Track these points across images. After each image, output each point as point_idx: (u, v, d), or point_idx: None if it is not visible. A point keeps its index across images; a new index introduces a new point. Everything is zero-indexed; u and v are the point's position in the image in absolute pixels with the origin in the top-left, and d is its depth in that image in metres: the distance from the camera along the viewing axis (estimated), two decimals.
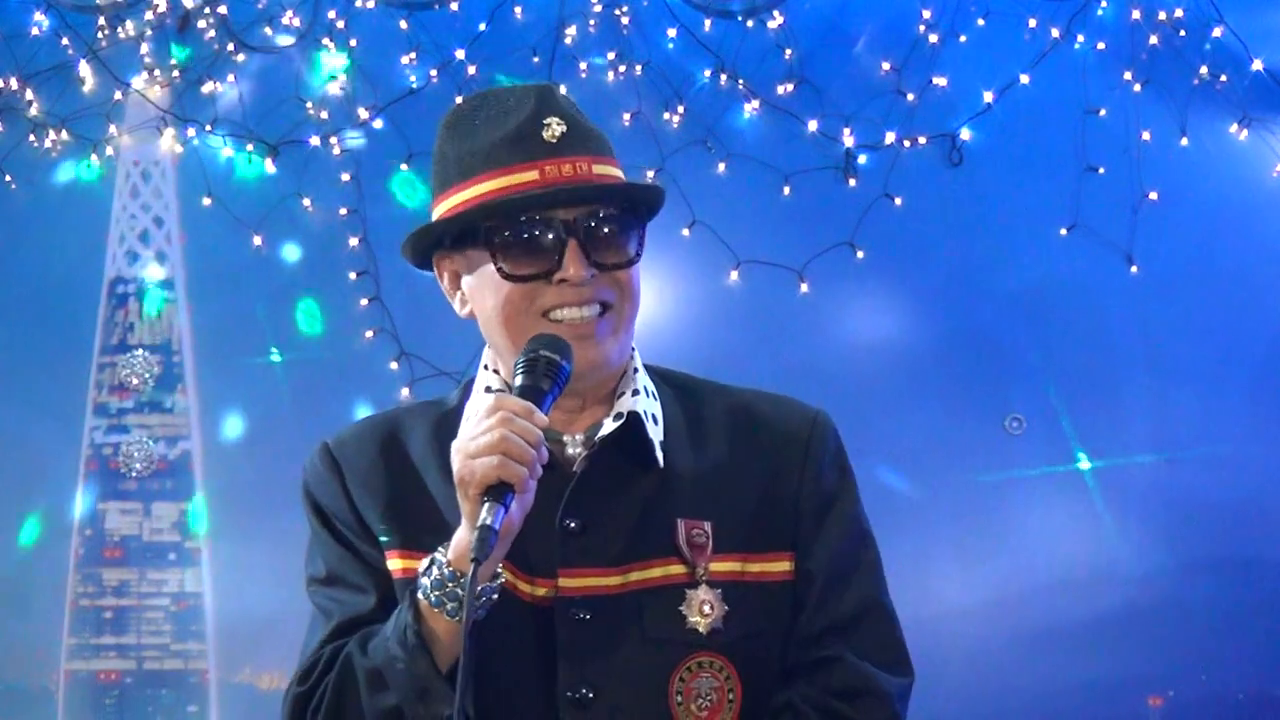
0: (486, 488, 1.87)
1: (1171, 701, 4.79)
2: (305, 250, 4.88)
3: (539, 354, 1.97)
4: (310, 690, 2.01)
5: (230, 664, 4.80)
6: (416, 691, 1.93)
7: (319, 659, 2.03)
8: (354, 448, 2.12)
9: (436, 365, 4.74)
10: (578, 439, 2.08)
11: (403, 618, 1.95)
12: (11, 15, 4.90)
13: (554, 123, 2.04)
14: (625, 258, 2.07)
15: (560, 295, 2.02)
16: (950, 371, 4.85)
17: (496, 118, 2.06)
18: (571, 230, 2.02)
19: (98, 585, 4.84)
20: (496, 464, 1.87)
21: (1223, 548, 4.84)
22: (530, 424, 1.90)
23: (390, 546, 2.06)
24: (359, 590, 2.06)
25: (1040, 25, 4.91)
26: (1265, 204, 4.93)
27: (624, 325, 2.08)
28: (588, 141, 2.06)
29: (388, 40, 4.93)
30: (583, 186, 2.03)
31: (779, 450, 2.12)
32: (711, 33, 4.92)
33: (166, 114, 4.88)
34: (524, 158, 2.03)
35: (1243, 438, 4.84)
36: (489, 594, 1.93)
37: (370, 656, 1.97)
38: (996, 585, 4.81)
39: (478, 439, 1.89)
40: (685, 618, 2.02)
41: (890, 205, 4.89)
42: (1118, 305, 4.89)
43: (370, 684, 1.96)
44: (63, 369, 4.87)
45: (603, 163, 2.06)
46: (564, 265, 2.01)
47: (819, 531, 2.10)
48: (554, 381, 1.96)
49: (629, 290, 2.08)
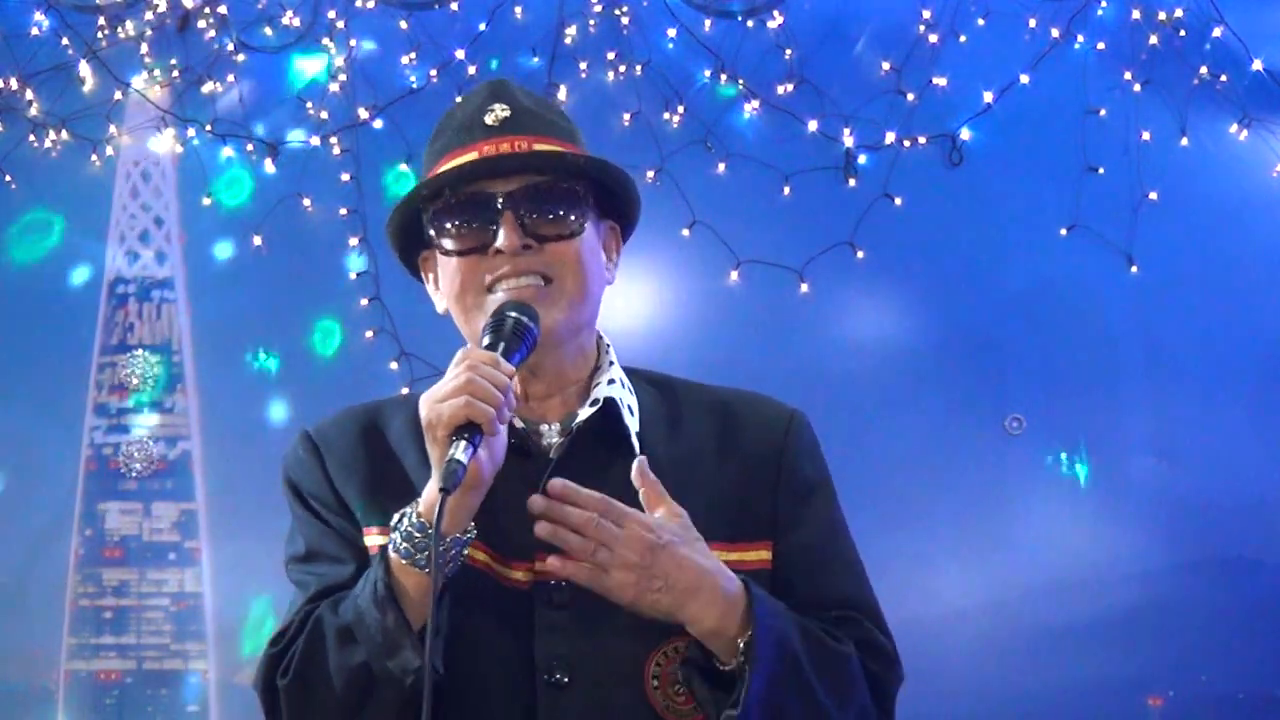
0: (454, 428, 1.89)
1: (1171, 701, 4.79)
2: (305, 250, 4.88)
3: (506, 315, 2.01)
4: (281, 652, 2.02)
5: (230, 664, 4.80)
6: (386, 646, 1.92)
7: (291, 622, 2.04)
8: (334, 432, 2.16)
9: (436, 365, 4.74)
10: (554, 428, 2.10)
11: (373, 573, 1.96)
12: (11, 15, 4.90)
13: (497, 108, 2.10)
14: (565, 230, 2.07)
15: (497, 266, 2.05)
16: (950, 371, 4.85)
17: (453, 117, 2.13)
18: (507, 203, 2.05)
19: (98, 585, 4.84)
20: (463, 403, 1.89)
21: (1223, 548, 4.85)
22: (496, 371, 1.92)
23: (369, 523, 2.08)
24: (337, 561, 2.08)
25: (1040, 25, 4.91)
26: (1265, 204, 4.93)
27: (569, 299, 2.07)
28: (535, 124, 2.10)
29: (388, 40, 4.93)
30: (511, 156, 2.06)
31: (757, 440, 2.13)
32: (711, 33, 4.92)
33: (166, 114, 4.88)
34: (465, 142, 2.09)
35: (1243, 438, 4.84)
36: (459, 546, 1.93)
37: (340, 615, 1.98)
38: (996, 585, 4.81)
39: (444, 385, 1.92)
40: None
41: (890, 205, 4.89)
42: (1118, 305, 4.89)
43: (339, 640, 1.96)
44: (63, 369, 4.87)
45: (550, 141, 2.09)
46: (499, 237, 2.04)
47: (800, 517, 2.11)
48: (521, 340, 1.99)
49: (572, 264, 2.08)
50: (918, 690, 2.11)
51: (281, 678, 2.00)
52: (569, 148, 2.11)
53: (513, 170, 2.06)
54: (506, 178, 2.06)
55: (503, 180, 2.06)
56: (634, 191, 2.16)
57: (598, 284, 2.12)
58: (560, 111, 2.19)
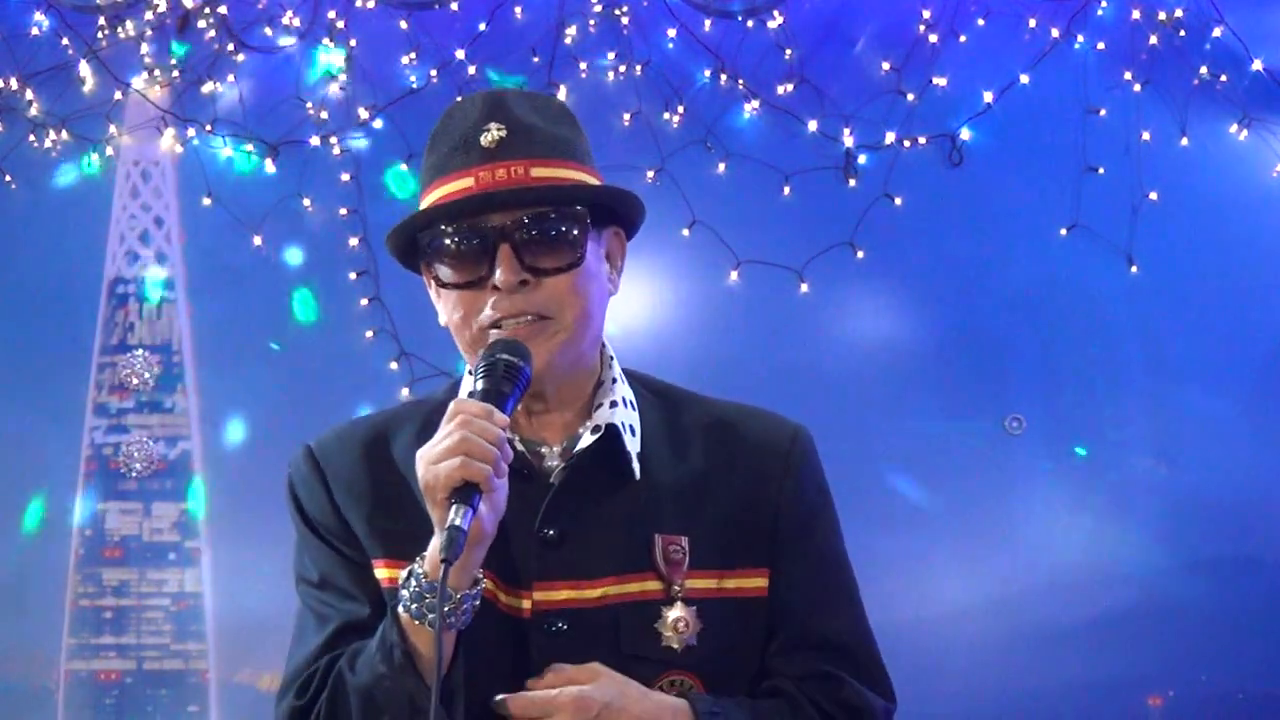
0: (452, 490, 1.87)
1: (1171, 701, 4.79)
2: (305, 250, 4.88)
3: (497, 358, 1.97)
4: (307, 706, 2.01)
5: (230, 664, 4.80)
6: (409, 710, 1.92)
7: (315, 671, 2.02)
8: (336, 450, 2.12)
9: (436, 365, 4.74)
10: (555, 450, 2.07)
11: (388, 635, 1.94)
12: (11, 15, 4.89)
13: (493, 128, 2.03)
14: (564, 261, 2.02)
15: (494, 305, 2.01)
16: (950, 371, 4.85)
17: (450, 129, 2.07)
18: (504, 235, 2.00)
19: (98, 585, 4.84)
20: (459, 465, 1.87)
21: (1223, 548, 4.84)
22: (489, 424, 1.90)
23: (375, 555, 2.05)
24: (350, 598, 2.05)
25: (1040, 25, 4.91)
26: (1265, 204, 4.93)
27: (567, 336, 2.03)
28: (531, 145, 2.03)
29: (388, 40, 4.92)
30: (506, 190, 2.00)
31: (759, 463, 2.10)
32: (711, 33, 4.91)
33: (166, 114, 4.88)
34: (461, 165, 2.03)
35: (1243, 438, 4.84)
36: (470, 600, 1.92)
37: (358, 674, 1.97)
38: (996, 585, 4.80)
39: (439, 444, 1.89)
40: (660, 634, 2.02)
41: (890, 205, 4.89)
42: (1118, 305, 4.89)
43: (362, 703, 1.96)
44: (63, 369, 4.87)
45: (549, 165, 2.03)
46: (495, 271, 1.99)
47: (799, 546, 2.09)
48: (514, 384, 1.96)
49: (570, 299, 2.02)
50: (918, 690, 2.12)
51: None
52: (569, 165, 2.05)
53: (509, 203, 2.01)
54: (503, 210, 2.01)
55: (499, 213, 2.00)
56: (637, 205, 2.12)
57: (599, 307, 2.08)
58: (560, 112, 2.12)
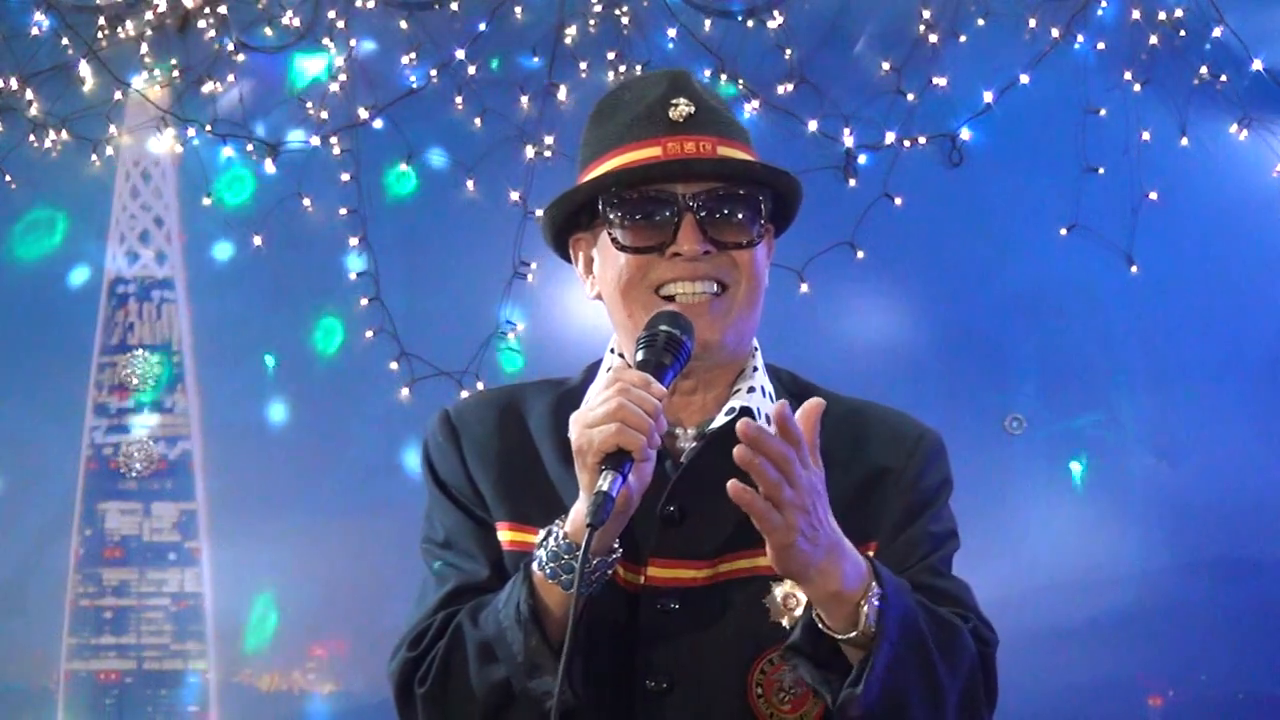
0: (604, 455, 1.87)
1: (1171, 701, 4.79)
2: (305, 250, 4.88)
3: (660, 329, 1.98)
4: (420, 656, 2.02)
5: (230, 664, 4.80)
6: (527, 666, 1.92)
7: (430, 625, 2.03)
8: (473, 416, 2.15)
9: (436, 365, 4.73)
10: (689, 432, 2.09)
11: (516, 590, 1.94)
12: (11, 15, 4.90)
13: (681, 102, 2.08)
14: (745, 238, 2.07)
15: (674, 269, 2.04)
16: (950, 371, 4.85)
17: (631, 102, 2.10)
18: (689, 205, 2.03)
19: (98, 585, 4.84)
20: (614, 431, 1.87)
21: (1223, 548, 4.84)
22: (647, 394, 1.90)
23: (500, 517, 2.07)
24: (471, 558, 2.07)
25: (1040, 25, 4.91)
26: (1265, 204, 4.92)
27: (740, 309, 2.08)
28: (717, 124, 2.09)
29: (388, 40, 4.93)
30: (698, 160, 2.04)
31: (883, 448, 2.13)
32: (711, 33, 4.92)
33: (166, 114, 4.89)
34: (648, 134, 2.06)
35: (1243, 438, 4.83)
36: (604, 567, 1.93)
37: (481, 628, 1.97)
38: (996, 585, 4.79)
39: (595, 409, 1.90)
40: (768, 610, 2.02)
41: (890, 205, 4.89)
42: (1118, 305, 4.89)
43: (480, 656, 1.96)
44: (63, 369, 4.87)
45: (733, 145, 2.08)
46: (678, 239, 2.02)
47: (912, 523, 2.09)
48: (675, 356, 1.97)
49: (748, 272, 2.08)
50: None
51: (420, 685, 2.00)
52: (748, 151, 2.11)
53: (702, 174, 2.04)
54: (690, 180, 2.04)
55: (685, 182, 2.04)
56: (798, 205, 2.16)
57: (763, 293, 2.13)
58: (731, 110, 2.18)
